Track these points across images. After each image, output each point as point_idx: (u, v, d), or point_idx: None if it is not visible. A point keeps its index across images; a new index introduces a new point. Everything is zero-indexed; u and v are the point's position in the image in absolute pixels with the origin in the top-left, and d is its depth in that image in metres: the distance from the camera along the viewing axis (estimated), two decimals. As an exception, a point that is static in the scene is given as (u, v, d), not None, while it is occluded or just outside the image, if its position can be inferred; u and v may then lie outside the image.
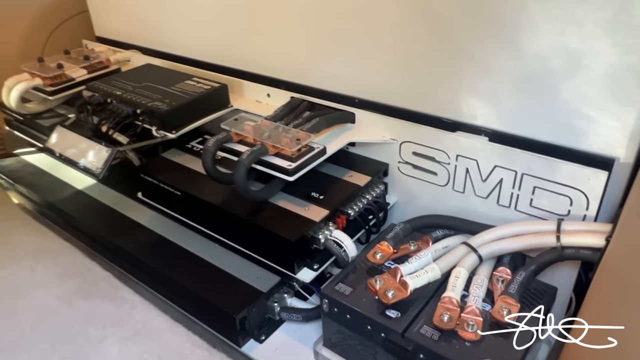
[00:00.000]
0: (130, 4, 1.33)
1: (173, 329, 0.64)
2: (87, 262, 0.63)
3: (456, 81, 0.83)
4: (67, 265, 0.62)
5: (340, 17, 0.92)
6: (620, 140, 0.72)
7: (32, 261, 0.61)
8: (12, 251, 0.63)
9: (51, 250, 0.64)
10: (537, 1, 0.70)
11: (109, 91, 1.04)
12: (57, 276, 0.60)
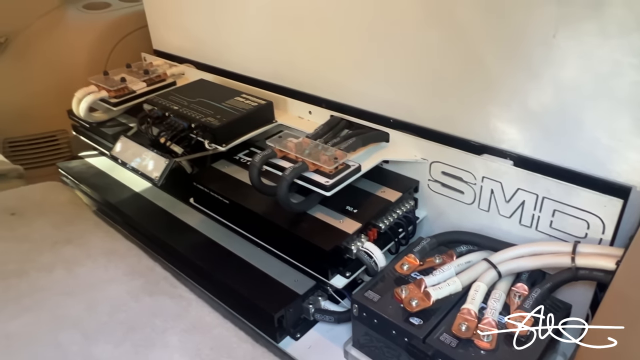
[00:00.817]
0: (185, 22, 1.44)
1: (222, 324, 0.74)
2: (150, 263, 0.73)
3: (485, 107, 0.89)
4: (133, 265, 0.72)
5: (379, 43, 1.00)
6: (638, 170, 0.76)
7: (104, 260, 0.71)
8: (88, 251, 0.74)
9: (119, 251, 0.74)
10: (562, 38, 0.76)
11: (167, 106, 1.15)
12: (125, 274, 0.70)
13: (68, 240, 0.75)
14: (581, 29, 0.74)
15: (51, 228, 0.78)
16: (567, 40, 0.76)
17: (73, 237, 0.76)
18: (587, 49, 0.75)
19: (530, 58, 0.81)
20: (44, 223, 0.79)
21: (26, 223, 0.80)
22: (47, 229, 0.78)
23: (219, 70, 1.38)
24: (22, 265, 0.70)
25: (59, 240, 0.75)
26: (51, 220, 0.80)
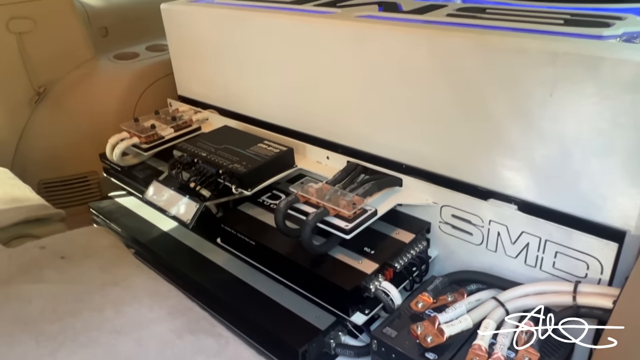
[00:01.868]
0: (209, 70, 1.56)
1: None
2: (189, 303, 0.80)
3: (490, 156, 0.97)
4: (174, 306, 0.79)
5: (393, 96, 1.10)
6: (632, 215, 0.84)
7: (149, 301, 0.79)
8: (133, 292, 0.81)
9: (161, 292, 0.82)
10: (559, 96, 0.85)
11: (196, 152, 1.25)
12: (168, 314, 0.77)
13: (114, 282, 0.83)
14: (575, 89, 0.83)
15: (98, 270, 0.86)
16: (563, 99, 0.85)
17: (118, 279, 0.84)
18: (581, 107, 0.84)
19: (531, 114, 0.90)
20: (91, 266, 0.87)
21: (75, 266, 0.88)
22: (95, 271, 0.86)
23: (242, 117, 1.48)
24: (76, 306, 0.78)
25: (107, 282, 0.83)
26: (97, 263, 0.89)
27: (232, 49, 1.43)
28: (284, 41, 1.28)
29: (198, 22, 1.51)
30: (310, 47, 1.22)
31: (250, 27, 1.35)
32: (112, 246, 0.97)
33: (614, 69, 0.78)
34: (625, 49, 0.79)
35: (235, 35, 1.40)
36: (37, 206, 1.21)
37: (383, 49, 1.08)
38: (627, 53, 0.78)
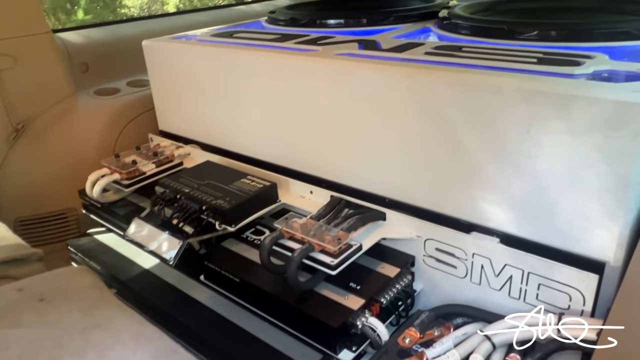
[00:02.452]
0: (190, 105, 1.56)
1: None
2: (173, 345, 0.78)
3: (471, 190, 0.99)
4: (159, 348, 0.77)
5: (375, 133, 1.12)
6: (610, 247, 0.86)
7: (133, 344, 0.77)
8: (116, 335, 0.79)
9: (145, 334, 0.79)
10: (535, 133, 0.88)
11: (179, 188, 1.24)
12: (152, 357, 0.75)
13: (96, 325, 0.81)
14: (550, 126, 0.86)
15: (79, 313, 0.84)
16: (539, 135, 0.88)
17: (100, 321, 0.82)
18: (556, 143, 0.87)
19: (508, 149, 0.92)
20: (72, 308, 0.85)
21: (54, 309, 0.86)
22: (75, 314, 0.83)
23: (224, 152, 1.49)
24: (56, 351, 0.75)
25: (88, 325, 0.81)
26: (78, 305, 0.86)
27: (214, 85, 1.45)
28: (267, 78, 1.30)
29: (180, 58, 1.52)
30: (292, 84, 1.24)
31: (233, 63, 1.37)
32: (93, 286, 0.95)
33: (586, 106, 0.82)
34: (596, 87, 0.83)
35: (218, 72, 1.42)
36: (14, 246, 1.18)
37: (364, 86, 1.10)
38: (598, 91, 0.81)
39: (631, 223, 0.85)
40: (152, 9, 13.70)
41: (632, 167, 0.80)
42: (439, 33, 1.46)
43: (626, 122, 0.78)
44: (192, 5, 13.49)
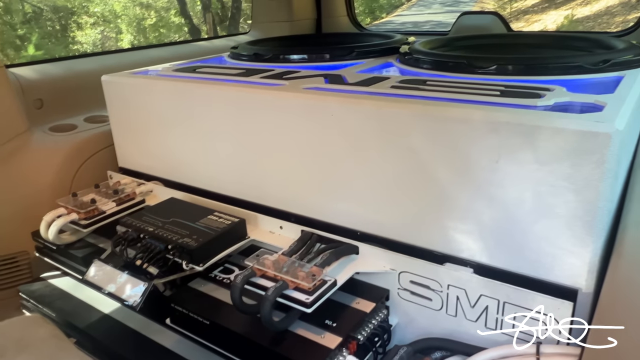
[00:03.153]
0: (153, 141, 1.52)
1: None
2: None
3: (443, 221, 1.00)
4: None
5: (345, 166, 1.11)
6: (581, 274, 0.88)
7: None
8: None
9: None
10: (504, 163, 0.89)
11: (142, 227, 1.19)
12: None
13: (56, 379, 0.74)
14: (518, 156, 0.88)
15: (36, 367, 0.77)
16: (508, 165, 0.90)
17: (59, 375, 0.76)
18: (525, 172, 0.88)
19: (479, 180, 0.93)
20: (27, 362, 0.78)
21: (8, 363, 0.79)
22: (31, 368, 0.77)
23: (189, 188, 1.45)
24: (9, 412, 0.69)
25: (46, 380, 0.74)
26: (35, 358, 0.79)
27: (178, 120, 1.42)
28: (233, 112, 1.28)
29: (142, 93, 1.49)
30: (260, 118, 1.23)
31: (198, 98, 1.35)
32: (51, 336, 0.88)
33: (552, 136, 0.84)
34: (561, 118, 0.85)
35: (182, 106, 1.39)
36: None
37: (333, 119, 1.10)
38: (563, 122, 0.84)
39: (601, 249, 0.87)
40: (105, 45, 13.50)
41: (599, 194, 0.83)
42: (401, 67, 1.49)
43: (591, 151, 0.81)
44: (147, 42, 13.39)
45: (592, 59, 1.23)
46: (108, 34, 13.91)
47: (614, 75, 1.19)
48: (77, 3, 13.00)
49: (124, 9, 13.74)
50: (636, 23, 1.97)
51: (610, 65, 1.21)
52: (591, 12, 12.42)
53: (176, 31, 13.50)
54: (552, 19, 12.80)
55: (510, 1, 15.16)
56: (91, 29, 13.30)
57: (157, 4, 14.13)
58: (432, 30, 4.41)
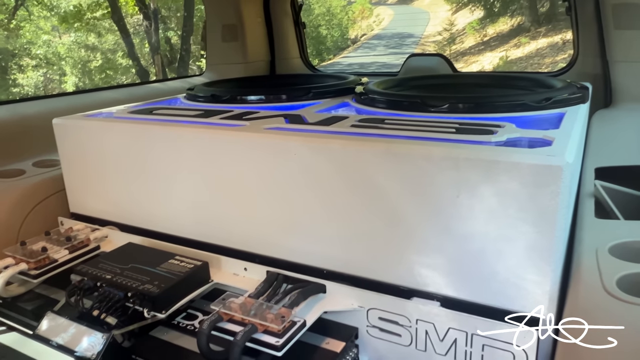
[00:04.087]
0: (108, 185, 1.47)
1: None
2: None
3: (409, 255, 1.01)
4: None
5: (309, 203, 1.12)
6: (542, 301, 0.91)
7: None
8: None
9: None
10: (466, 197, 0.93)
11: (99, 275, 1.14)
12: None
13: None
14: (478, 190, 0.92)
15: None
16: (469, 199, 0.93)
17: None
18: (485, 206, 0.92)
19: (441, 214, 0.96)
20: None
21: None
22: None
23: (147, 232, 1.40)
24: None
25: None
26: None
27: (136, 163, 1.38)
28: (194, 154, 1.27)
29: (97, 136, 1.45)
30: (221, 159, 1.23)
31: (156, 140, 1.33)
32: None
33: (509, 170, 0.89)
34: (516, 153, 0.90)
35: (139, 149, 1.36)
36: None
37: (296, 158, 1.11)
38: (518, 156, 0.88)
39: (559, 277, 0.90)
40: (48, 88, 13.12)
41: (555, 224, 0.87)
42: (357, 107, 1.54)
43: (545, 183, 0.86)
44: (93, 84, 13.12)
45: (536, 97, 1.31)
46: (51, 77, 13.57)
47: (556, 112, 1.27)
48: (17, 45, 12.68)
49: (68, 51, 13.50)
50: (569, 63, 2.13)
51: (552, 103, 1.29)
52: (523, 54, 13.33)
53: (123, 73, 13.34)
54: (488, 60, 13.63)
55: (449, 44, 16.05)
56: (33, 72, 12.95)
57: (104, 46, 13.98)
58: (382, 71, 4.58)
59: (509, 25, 14.97)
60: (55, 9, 12.83)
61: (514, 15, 14.92)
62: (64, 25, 13.00)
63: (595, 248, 0.90)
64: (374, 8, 20.60)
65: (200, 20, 12.72)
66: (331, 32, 17.19)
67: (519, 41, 13.81)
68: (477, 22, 15.69)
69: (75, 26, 13.04)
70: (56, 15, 12.91)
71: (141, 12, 12.50)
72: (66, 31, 13.91)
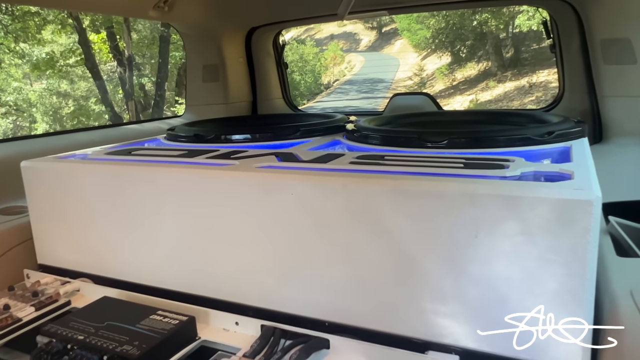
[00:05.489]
0: (80, 233, 1.34)
1: None
2: None
3: (422, 304, 0.91)
4: None
5: (307, 248, 1.01)
6: (576, 352, 0.81)
7: None
8: None
9: None
10: (485, 237, 0.84)
11: (69, 336, 0.99)
12: None
13: None
14: (499, 229, 0.84)
15: None
16: (489, 239, 0.85)
17: None
18: (507, 247, 0.83)
19: (458, 257, 0.87)
20: None
21: None
22: None
23: (124, 283, 1.27)
24: None
25: None
26: None
27: (113, 208, 1.26)
28: (179, 196, 1.16)
29: (70, 179, 1.33)
30: (209, 201, 1.12)
31: (137, 182, 1.22)
32: None
33: (532, 206, 0.81)
34: (539, 187, 0.83)
35: (117, 193, 1.25)
36: None
37: (294, 198, 1.02)
38: (542, 191, 0.81)
39: (591, 323, 0.82)
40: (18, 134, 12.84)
41: (587, 264, 0.79)
42: (349, 144, 1.47)
43: (575, 219, 0.78)
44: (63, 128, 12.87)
45: (538, 131, 1.26)
46: (21, 124, 13.32)
47: (559, 146, 1.22)
48: (-15, 92, 12.48)
49: (39, 98, 13.31)
50: (555, 100, 2.13)
51: (554, 137, 1.25)
52: (492, 96, 13.77)
53: (96, 119, 13.17)
54: (459, 103, 14.02)
55: (419, 87, 16.50)
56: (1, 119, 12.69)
57: (76, 92, 13.86)
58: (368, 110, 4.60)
59: (476, 69, 15.52)
60: (28, 56, 12.72)
61: (480, 61, 15.50)
62: (36, 72, 12.87)
63: (630, 290, 0.82)
64: (346, 55, 21.14)
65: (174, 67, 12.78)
66: (304, 77, 17.48)
67: (486, 85, 14.29)
68: (446, 67, 16.22)
69: (47, 73, 12.93)
70: (28, 62, 12.79)
71: (115, 59, 12.50)
72: (38, 79, 13.76)
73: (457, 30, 15.01)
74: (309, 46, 19.06)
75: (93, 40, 12.34)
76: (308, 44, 19.45)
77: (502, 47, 14.83)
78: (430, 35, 16.06)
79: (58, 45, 12.86)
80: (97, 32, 12.41)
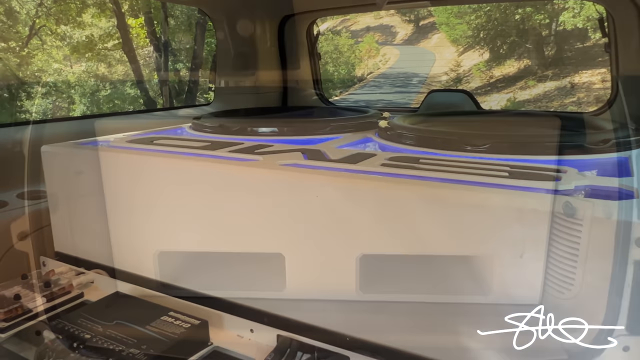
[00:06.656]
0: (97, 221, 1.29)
1: None
2: None
3: (457, 326, 0.82)
4: None
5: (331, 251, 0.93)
6: None
7: None
8: None
9: None
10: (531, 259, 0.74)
11: (76, 334, 0.95)
12: None
13: None
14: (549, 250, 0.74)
15: None
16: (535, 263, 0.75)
17: None
18: (558, 269, 0.73)
19: (499, 278, 0.78)
20: None
21: None
22: None
23: (138, 278, 1.21)
24: None
25: None
26: None
27: (130, 199, 1.21)
28: (198, 191, 1.10)
29: (90, 166, 1.28)
30: (227, 197, 1.06)
31: (157, 173, 1.16)
32: None
33: (593, 227, 0.71)
34: (601, 207, 0.72)
35: (136, 183, 1.20)
36: None
37: (317, 201, 0.94)
38: (605, 211, 0.70)
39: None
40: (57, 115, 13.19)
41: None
42: (381, 143, 1.37)
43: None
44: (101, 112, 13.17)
45: (592, 138, 1.14)
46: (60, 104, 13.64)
47: (615, 155, 1.10)
48: (28, 73, 12.82)
49: (78, 80, 13.61)
50: (607, 102, 1.97)
51: (610, 146, 1.13)
52: (530, 95, 13.34)
53: (131, 102, 13.38)
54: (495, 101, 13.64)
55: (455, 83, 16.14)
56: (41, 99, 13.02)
57: (113, 76, 14.11)
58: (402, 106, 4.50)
59: (515, 67, 15.06)
60: (68, 39, 13.01)
61: (520, 58, 15.04)
62: (75, 55, 13.16)
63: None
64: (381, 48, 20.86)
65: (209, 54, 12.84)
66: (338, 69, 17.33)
67: (525, 83, 13.85)
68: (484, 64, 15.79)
69: (86, 56, 13.20)
70: (68, 45, 13.08)
71: (152, 44, 12.64)
72: (77, 61, 14.05)
73: (498, 25, 14.59)
74: (344, 37, 18.87)
75: (131, 25, 12.51)
76: (343, 35, 19.26)
77: (544, 44, 14.34)
78: (470, 30, 15.66)
79: (97, 28, 13.10)
80: (135, 17, 12.57)
